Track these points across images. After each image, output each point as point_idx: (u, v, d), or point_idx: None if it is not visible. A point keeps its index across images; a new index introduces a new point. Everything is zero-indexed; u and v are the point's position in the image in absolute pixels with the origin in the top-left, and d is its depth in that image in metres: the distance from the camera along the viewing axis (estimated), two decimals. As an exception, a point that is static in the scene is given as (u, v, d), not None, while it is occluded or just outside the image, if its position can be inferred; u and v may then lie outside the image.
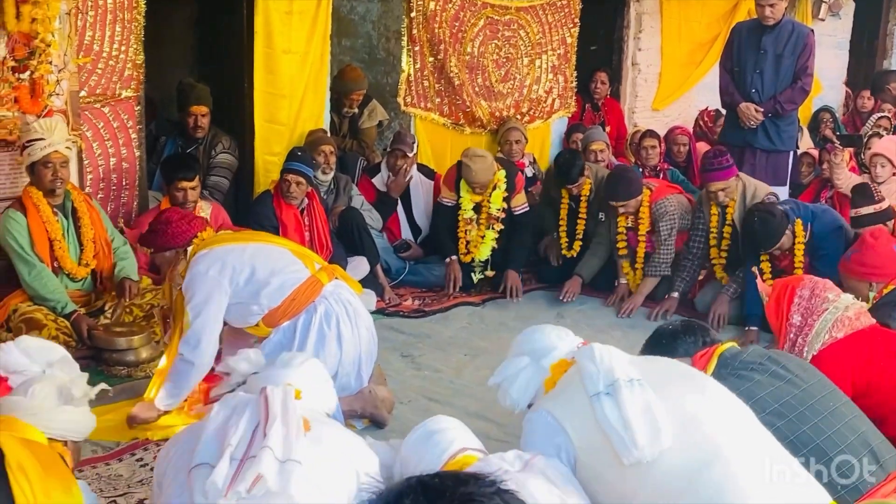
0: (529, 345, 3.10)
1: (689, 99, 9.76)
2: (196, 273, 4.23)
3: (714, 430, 2.59)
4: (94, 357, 4.94)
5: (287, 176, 6.01)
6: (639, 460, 2.54)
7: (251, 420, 2.47)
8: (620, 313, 6.29)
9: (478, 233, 6.59)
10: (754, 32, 6.97)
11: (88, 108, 5.60)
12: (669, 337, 3.38)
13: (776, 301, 3.81)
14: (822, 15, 10.86)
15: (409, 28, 7.07)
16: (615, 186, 6.33)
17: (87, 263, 5.26)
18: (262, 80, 6.39)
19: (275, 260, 4.36)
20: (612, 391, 2.65)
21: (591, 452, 2.66)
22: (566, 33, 8.24)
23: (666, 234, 6.29)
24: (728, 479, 2.45)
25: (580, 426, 2.69)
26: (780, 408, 2.98)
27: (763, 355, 3.24)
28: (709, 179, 6.11)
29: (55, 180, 5.06)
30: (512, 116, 7.85)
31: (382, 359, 4.93)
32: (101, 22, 5.55)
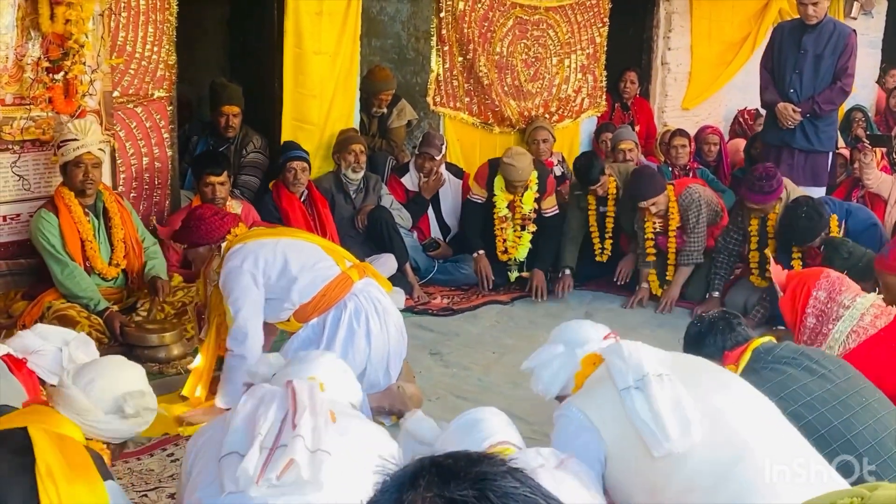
0: (566, 334, 3.13)
1: (719, 98, 9.72)
2: (231, 268, 4.30)
3: (742, 427, 2.60)
4: (126, 353, 4.95)
5: (291, 164, 6.18)
6: (669, 452, 2.55)
7: (279, 410, 2.49)
8: (659, 308, 6.31)
9: (514, 233, 6.61)
10: (795, 32, 6.89)
11: (121, 109, 5.67)
12: (705, 331, 3.39)
13: (791, 297, 3.80)
14: (855, 13, 10.76)
15: (438, 28, 7.10)
16: (640, 186, 6.31)
17: (118, 263, 5.32)
18: (291, 80, 6.44)
19: (306, 255, 4.41)
20: (642, 385, 2.67)
21: (622, 447, 2.68)
22: (595, 33, 8.23)
23: (694, 221, 6.27)
24: (757, 476, 2.47)
25: (611, 421, 2.70)
26: (812, 401, 2.98)
27: (797, 350, 3.25)
28: (756, 201, 6.01)
29: (86, 181, 5.13)
30: (541, 116, 7.86)
31: (411, 356, 4.96)
32: (134, 23, 5.62)
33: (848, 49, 6.78)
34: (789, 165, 6.83)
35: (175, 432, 4.24)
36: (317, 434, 2.44)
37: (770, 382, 3.03)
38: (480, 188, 6.67)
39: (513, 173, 6.41)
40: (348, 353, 4.26)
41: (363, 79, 7.07)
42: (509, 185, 6.51)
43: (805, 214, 5.66)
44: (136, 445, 4.04)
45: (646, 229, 6.40)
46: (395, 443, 2.74)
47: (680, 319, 6.11)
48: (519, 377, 5.11)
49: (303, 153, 6.31)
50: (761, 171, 6.11)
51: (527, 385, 4.90)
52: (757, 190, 6.00)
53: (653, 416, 2.60)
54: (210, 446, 2.55)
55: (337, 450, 2.45)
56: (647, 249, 6.43)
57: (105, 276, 5.29)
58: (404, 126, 7.51)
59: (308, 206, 6.32)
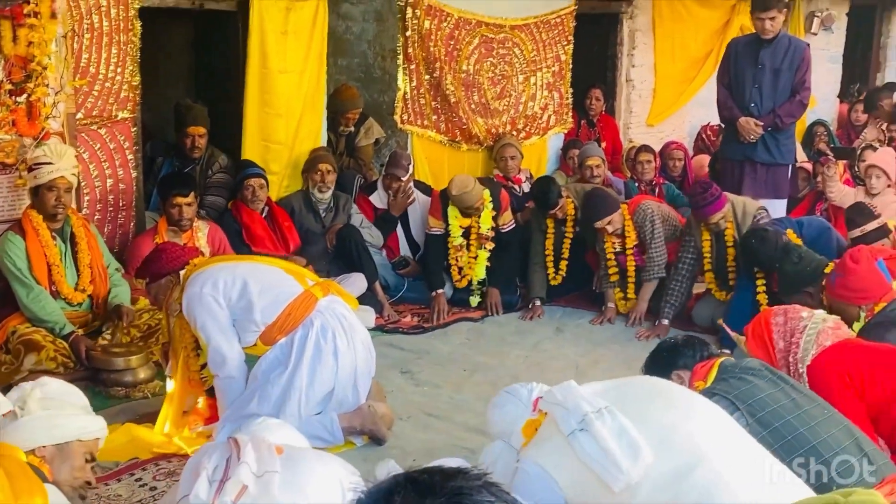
0: (495, 428, 3.20)
1: (683, 114, 9.81)
2: (191, 294, 4.27)
3: (694, 435, 2.64)
4: (92, 378, 4.94)
5: (249, 181, 6.20)
6: (627, 484, 2.57)
7: (223, 454, 2.63)
8: (630, 322, 6.32)
9: (469, 255, 6.61)
10: (751, 47, 6.97)
11: (85, 130, 5.62)
12: (671, 350, 3.48)
13: (755, 337, 3.85)
14: (815, 29, 10.92)
15: (404, 47, 7.10)
16: (593, 207, 6.33)
17: (84, 289, 5.26)
18: (256, 99, 6.42)
19: (267, 277, 4.40)
20: (585, 426, 2.69)
21: (581, 490, 2.70)
22: (560, 50, 8.28)
23: (650, 235, 6.29)
24: (714, 479, 2.49)
25: (566, 469, 2.73)
26: (779, 409, 3.03)
27: (761, 364, 3.31)
28: (707, 214, 6.06)
29: (58, 205, 5.08)
30: (508, 133, 7.88)
31: (382, 375, 4.93)
32: (98, 44, 5.58)
33: (805, 63, 6.89)
34: (752, 180, 6.90)
35: (145, 456, 4.18)
36: (262, 460, 2.55)
37: (738, 390, 3.10)
38: (437, 220, 6.65)
39: (466, 200, 6.41)
40: (316, 371, 4.23)
41: (330, 98, 7.07)
42: (465, 212, 6.51)
43: (756, 240, 5.67)
44: (103, 471, 3.98)
45: (606, 250, 6.42)
46: (354, 469, 2.76)
47: (650, 334, 6.15)
48: (491, 394, 5.06)
49: (259, 170, 6.31)
50: (698, 187, 6.22)
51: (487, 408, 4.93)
52: (700, 203, 6.06)
53: (603, 452, 2.61)
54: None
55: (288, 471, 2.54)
56: (609, 270, 6.44)
57: (71, 301, 5.23)
58: (372, 144, 7.51)
59: (269, 221, 6.31)
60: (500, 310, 6.51)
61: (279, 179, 6.64)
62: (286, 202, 6.54)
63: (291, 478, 2.55)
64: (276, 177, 6.56)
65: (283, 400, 4.17)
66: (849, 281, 4.57)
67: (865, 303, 4.48)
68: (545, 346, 5.97)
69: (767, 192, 6.75)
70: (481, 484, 1.33)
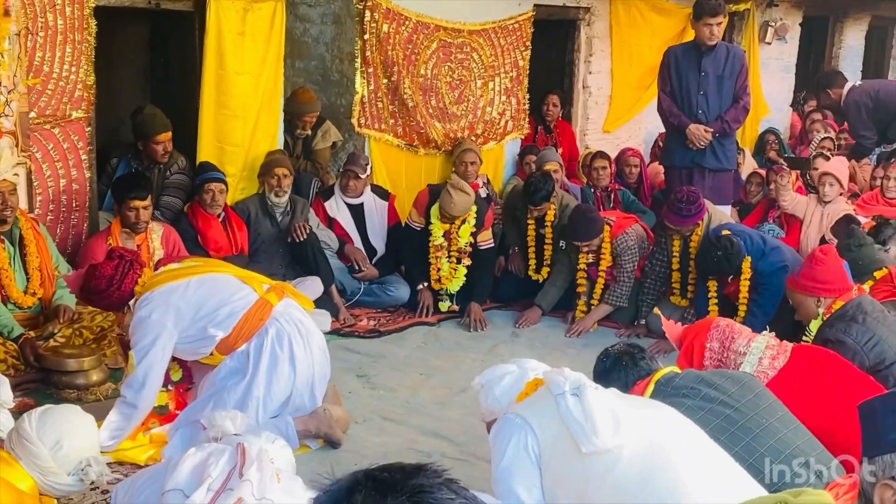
0: (520, 361, 3.31)
1: (639, 121, 9.89)
2: (139, 318, 4.18)
3: (666, 438, 2.73)
4: (44, 380, 4.87)
5: (210, 185, 6.14)
6: (597, 448, 2.67)
7: (229, 462, 2.68)
8: (568, 333, 6.36)
9: (450, 265, 6.61)
10: (691, 55, 7.07)
11: (38, 130, 5.54)
12: (611, 366, 3.47)
13: (685, 354, 3.90)
14: (769, 39, 11.08)
15: (362, 50, 7.09)
16: (578, 227, 6.35)
17: (34, 292, 5.19)
18: (212, 100, 6.37)
19: (220, 289, 4.31)
20: (579, 392, 2.81)
21: (555, 448, 2.79)
22: (518, 56, 8.32)
23: (629, 267, 6.34)
24: (678, 482, 2.58)
25: (545, 423, 2.83)
26: (711, 431, 3.02)
27: (696, 378, 3.33)
28: (680, 224, 6.13)
29: (5, 209, 5.01)
30: (467, 138, 7.90)
31: (338, 379, 4.92)
32: (52, 43, 5.51)
33: (744, 69, 7.09)
34: (700, 185, 6.97)
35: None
36: (262, 485, 2.62)
37: (681, 408, 3.09)
38: (419, 215, 6.66)
39: (448, 206, 6.41)
40: (272, 379, 4.22)
41: (287, 100, 7.03)
42: (443, 216, 6.52)
43: (718, 258, 5.80)
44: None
45: (579, 260, 6.45)
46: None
47: (605, 339, 6.18)
48: (446, 398, 5.13)
49: (220, 174, 6.26)
50: (684, 194, 6.20)
51: (454, 406, 4.95)
52: (676, 212, 6.11)
53: (585, 415, 2.73)
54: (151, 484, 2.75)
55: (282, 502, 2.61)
56: (578, 280, 6.48)
57: (21, 304, 5.15)
58: (329, 148, 7.48)
59: (225, 226, 6.26)
60: (484, 325, 6.45)
61: (235, 182, 6.59)
62: (242, 206, 6.49)
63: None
64: (232, 179, 6.51)
65: (240, 408, 4.12)
66: (816, 272, 4.64)
67: (827, 295, 4.55)
68: (500, 350, 6.00)
69: (714, 197, 6.83)
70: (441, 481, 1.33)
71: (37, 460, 2.87)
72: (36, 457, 2.87)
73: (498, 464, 2.87)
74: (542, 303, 6.60)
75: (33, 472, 2.88)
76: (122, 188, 5.75)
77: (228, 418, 3.25)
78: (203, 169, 6.27)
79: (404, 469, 1.34)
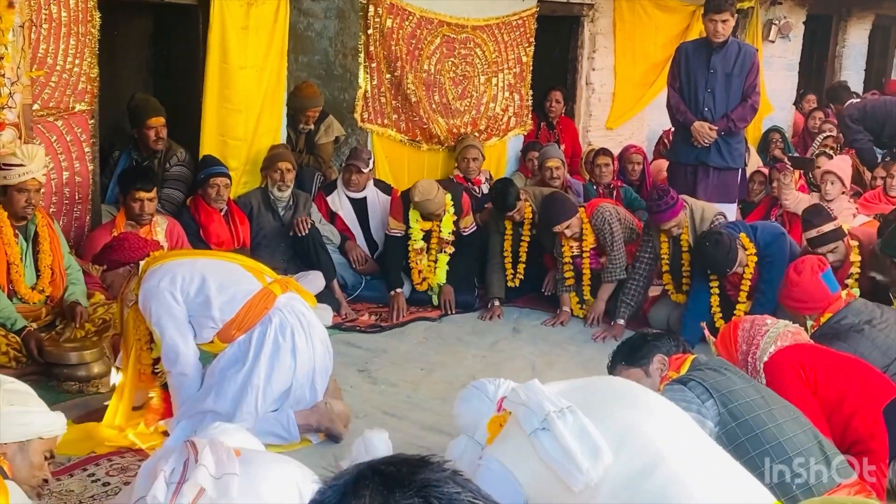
0: (462, 421, 3.37)
1: (642, 118, 9.89)
2: (149, 288, 4.23)
3: (654, 435, 2.68)
4: (46, 372, 4.87)
5: (215, 180, 6.15)
6: (587, 484, 2.61)
7: (180, 457, 2.63)
8: (588, 322, 6.36)
9: (429, 258, 6.61)
10: (701, 52, 7.04)
11: (41, 122, 5.54)
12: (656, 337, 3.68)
13: (722, 342, 3.99)
14: (773, 37, 11.07)
15: (365, 45, 7.09)
16: (552, 212, 6.36)
17: (43, 290, 5.20)
18: (215, 94, 6.37)
19: (225, 273, 4.36)
20: (547, 425, 2.73)
21: (540, 489, 2.74)
22: (522, 52, 8.32)
23: (610, 238, 6.32)
24: (672, 480, 2.54)
25: (527, 468, 2.77)
26: (751, 402, 3.15)
27: (725, 363, 3.48)
28: (660, 220, 6.10)
29: (28, 207, 5.06)
30: (469, 133, 7.89)
31: (339, 373, 4.92)
32: (56, 35, 5.51)
33: (755, 68, 7.01)
34: (704, 183, 6.98)
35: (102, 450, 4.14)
36: (220, 463, 2.56)
37: (713, 379, 3.23)
38: (398, 222, 6.64)
39: (429, 206, 6.41)
40: (274, 369, 4.22)
41: (290, 95, 7.03)
42: (425, 216, 6.52)
43: (711, 244, 5.73)
44: (55, 466, 3.93)
45: (563, 254, 6.46)
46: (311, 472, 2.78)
47: (606, 336, 6.19)
48: (447, 393, 5.12)
49: (224, 169, 6.26)
50: (655, 193, 6.21)
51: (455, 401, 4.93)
52: (656, 209, 6.09)
53: (563, 452, 2.65)
54: None
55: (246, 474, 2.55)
56: (566, 274, 6.48)
57: (28, 300, 5.16)
58: (332, 142, 7.48)
59: (227, 221, 6.26)
60: (453, 307, 6.52)
61: (237, 176, 6.59)
62: (245, 200, 6.50)
63: (249, 480, 2.56)
64: (235, 173, 6.51)
65: (240, 397, 4.15)
66: (792, 292, 4.69)
67: (809, 313, 4.59)
68: (502, 346, 6.00)
69: (719, 195, 6.82)
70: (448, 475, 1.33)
71: None
72: None
73: None
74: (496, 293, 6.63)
75: None
76: (128, 180, 5.78)
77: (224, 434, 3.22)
78: (207, 163, 6.27)
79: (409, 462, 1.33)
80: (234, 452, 2.65)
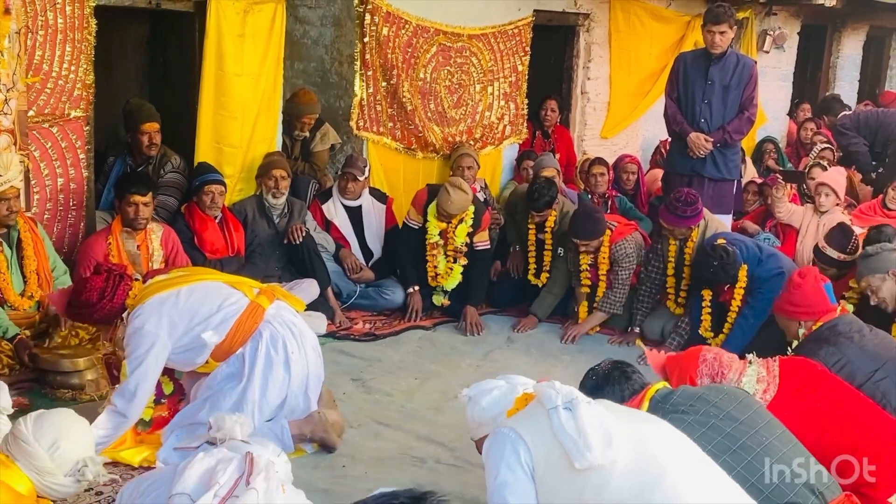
0: (507, 376, 3.33)
1: (637, 128, 9.91)
2: (133, 329, 4.15)
3: (662, 454, 2.73)
4: (39, 380, 4.86)
5: (210, 187, 6.13)
6: (590, 465, 2.67)
7: (237, 470, 2.73)
8: (563, 339, 6.35)
9: (446, 264, 6.61)
10: (700, 63, 7.04)
11: (37, 128, 5.53)
12: (602, 382, 3.45)
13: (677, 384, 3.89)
14: (767, 47, 11.10)
15: (361, 53, 7.09)
16: (581, 226, 6.34)
17: (32, 295, 5.19)
18: (211, 101, 6.36)
19: (210, 297, 4.29)
20: (571, 406, 2.81)
21: (548, 463, 2.79)
22: (517, 61, 8.33)
23: (624, 275, 6.35)
24: (675, 495, 2.59)
25: (539, 438, 2.83)
26: (713, 449, 3.04)
27: (694, 395, 3.33)
28: (674, 224, 6.13)
29: (10, 214, 5.06)
30: (465, 142, 7.90)
31: (333, 382, 4.93)
32: (52, 41, 5.50)
33: (752, 80, 6.99)
34: (699, 194, 6.96)
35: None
36: (269, 495, 2.67)
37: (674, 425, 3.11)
38: (417, 213, 6.64)
39: (446, 204, 6.39)
40: (268, 382, 4.21)
41: (286, 102, 7.03)
42: (440, 214, 6.51)
43: (714, 268, 5.79)
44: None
45: (581, 261, 6.45)
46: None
47: (599, 345, 6.21)
48: (441, 403, 5.13)
49: (219, 176, 6.25)
50: (683, 195, 6.22)
51: (449, 411, 4.95)
52: (672, 211, 6.13)
53: (577, 430, 2.73)
54: (158, 487, 2.81)
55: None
56: (583, 280, 6.48)
57: (18, 307, 5.14)
58: (328, 150, 7.47)
59: (222, 228, 6.25)
60: (480, 329, 6.44)
61: (233, 183, 6.58)
62: (240, 207, 6.49)
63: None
64: (230, 180, 6.50)
65: (236, 411, 4.12)
66: (793, 296, 4.69)
67: (806, 318, 4.60)
68: (496, 356, 6.00)
69: (713, 206, 6.83)
70: None
71: (34, 461, 2.89)
72: (33, 458, 2.89)
73: (493, 479, 2.85)
74: (538, 311, 6.61)
75: (31, 474, 2.89)
76: (124, 183, 5.74)
77: (237, 423, 3.27)
78: (202, 170, 6.25)
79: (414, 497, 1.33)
80: (282, 488, 2.77)
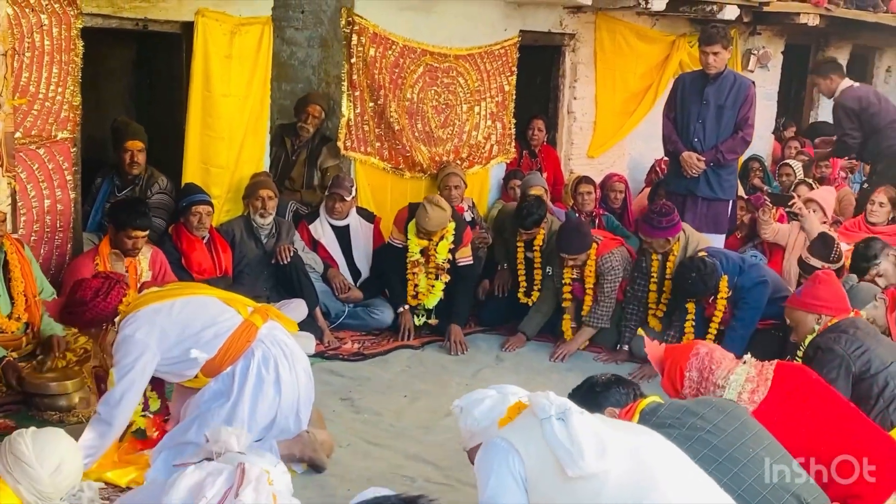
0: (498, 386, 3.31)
1: (624, 147, 9.95)
2: (124, 336, 4.13)
3: (655, 464, 2.75)
4: (26, 402, 4.83)
5: (197, 208, 6.12)
6: (583, 472, 2.69)
7: (226, 482, 2.72)
8: (553, 358, 6.36)
9: (427, 282, 6.61)
10: (697, 83, 7.09)
11: (24, 150, 5.53)
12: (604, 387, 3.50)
13: (668, 378, 3.92)
14: (752, 67, 11.16)
15: (349, 74, 7.12)
16: (568, 240, 6.37)
17: (20, 317, 5.15)
18: (199, 122, 6.37)
19: (204, 312, 4.28)
20: (564, 417, 2.82)
21: (541, 473, 2.80)
22: (504, 81, 8.36)
23: (609, 289, 6.37)
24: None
25: (531, 448, 2.84)
26: (700, 462, 3.03)
27: (681, 409, 3.33)
28: (650, 234, 6.18)
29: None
30: (452, 161, 7.92)
31: (322, 402, 4.91)
32: (38, 63, 5.50)
33: (748, 100, 7.01)
34: (693, 213, 7.01)
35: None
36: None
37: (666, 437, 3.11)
38: (399, 232, 6.66)
39: (423, 221, 6.42)
40: (257, 402, 4.19)
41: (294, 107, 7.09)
42: (419, 231, 6.52)
43: (693, 279, 5.88)
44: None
45: (564, 275, 6.48)
46: None
47: (588, 363, 6.21)
48: (431, 422, 5.12)
49: (206, 196, 6.24)
50: (659, 206, 6.31)
51: (439, 430, 4.94)
52: (648, 222, 6.18)
53: (570, 439, 2.75)
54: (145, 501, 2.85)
55: None
56: (565, 294, 6.50)
57: (6, 329, 5.10)
58: (338, 164, 7.39)
59: (210, 249, 6.24)
60: (464, 348, 6.44)
61: (220, 204, 6.58)
62: (227, 228, 6.48)
63: None
64: (217, 201, 6.50)
65: (225, 430, 4.12)
66: (819, 290, 4.77)
67: (827, 313, 4.66)
68: (485, 374, 5.99)
69: (707, 226, 6.86)
70: None
71: (36, 484, 2.85)
72: (35, 480, 2.84)
73: (484, 489, 2.87)
74: (527, 329, 6.61)
75: (29, 497, 2.85)
76: (123, 216, 5.60)
77: (234, 435, 3.25)
78: (189, 191, 6.24)
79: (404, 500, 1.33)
80: (273, 499, 2.75)
